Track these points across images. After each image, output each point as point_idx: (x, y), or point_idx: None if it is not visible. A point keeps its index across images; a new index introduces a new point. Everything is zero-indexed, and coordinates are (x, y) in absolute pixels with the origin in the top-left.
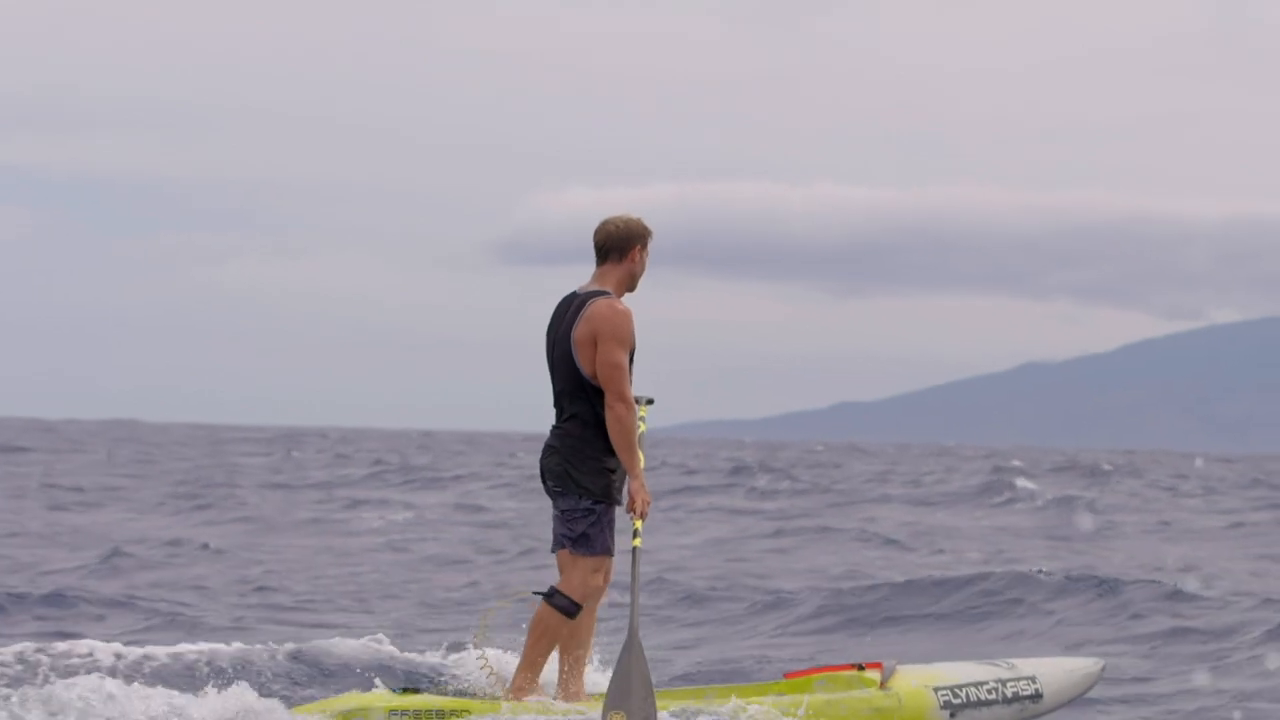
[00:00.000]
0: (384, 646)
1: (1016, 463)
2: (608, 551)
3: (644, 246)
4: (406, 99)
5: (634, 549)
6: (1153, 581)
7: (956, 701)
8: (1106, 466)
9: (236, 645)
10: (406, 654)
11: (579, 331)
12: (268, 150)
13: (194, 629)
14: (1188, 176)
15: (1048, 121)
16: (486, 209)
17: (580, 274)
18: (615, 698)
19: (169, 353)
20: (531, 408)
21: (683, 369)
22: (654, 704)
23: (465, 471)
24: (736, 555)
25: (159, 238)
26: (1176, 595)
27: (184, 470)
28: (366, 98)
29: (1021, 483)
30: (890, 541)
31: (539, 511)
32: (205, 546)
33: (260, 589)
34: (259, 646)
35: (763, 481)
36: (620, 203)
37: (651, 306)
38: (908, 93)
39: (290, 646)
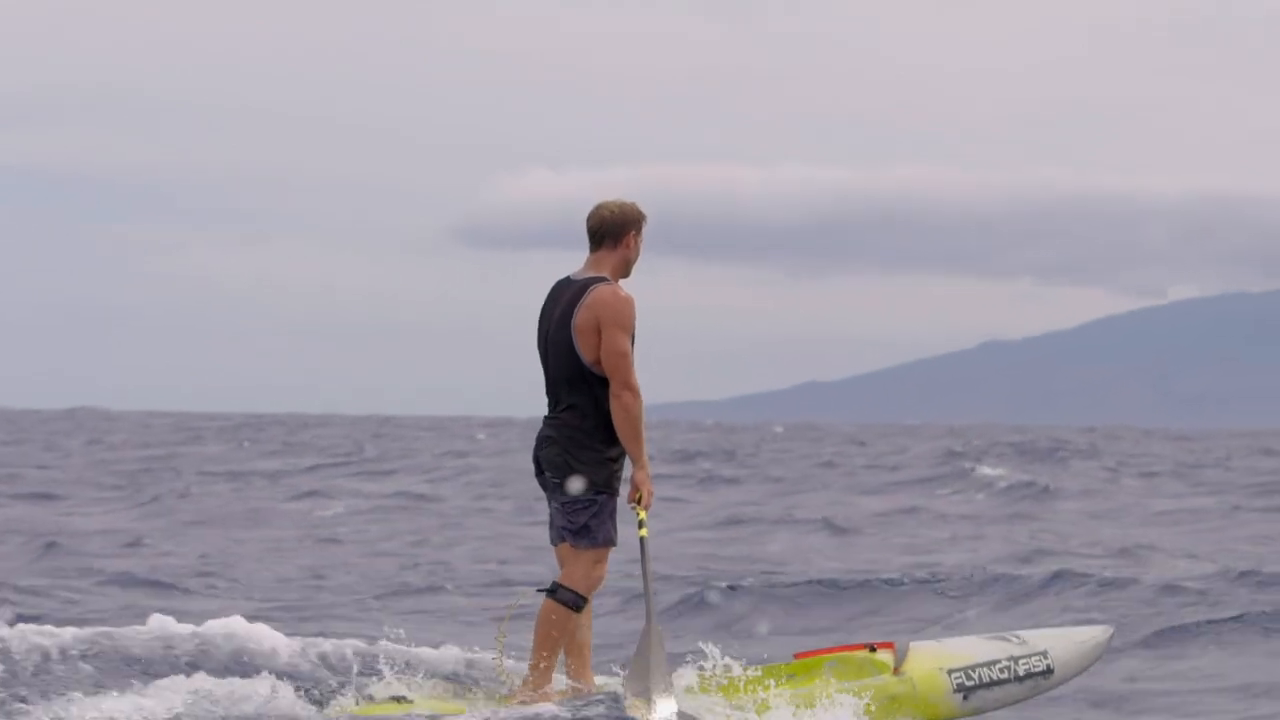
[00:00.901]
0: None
1: (976, 442)
2: (610, 542)
3: (639, 232)
4: (361, 88)
5: (641, 539)
6: (1084, 575)
7: (970, 683)
8: (1063, 450)
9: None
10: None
11: (580, 318)
12: (228, 140)
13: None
14: (1147, 155)
15: (1008, 102)
16: (447, 195)
17: (541, 258)
18: (635, 684)
19: (132, 342)
20: (498, 391)
21: (643, 352)
22: (671, 688)
23: (409, 462)
24: (671, 546)
25: (117, 228)
26: (1109, 584)
27: (134, 459)
28: (322, 88)
29: (982, 469)
30: (837, 530)
31: (479, 499)
32: (136, 541)
33: (201, 575)
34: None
35: (706, 466)
36: (581, 186)
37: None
38: (868, 76)
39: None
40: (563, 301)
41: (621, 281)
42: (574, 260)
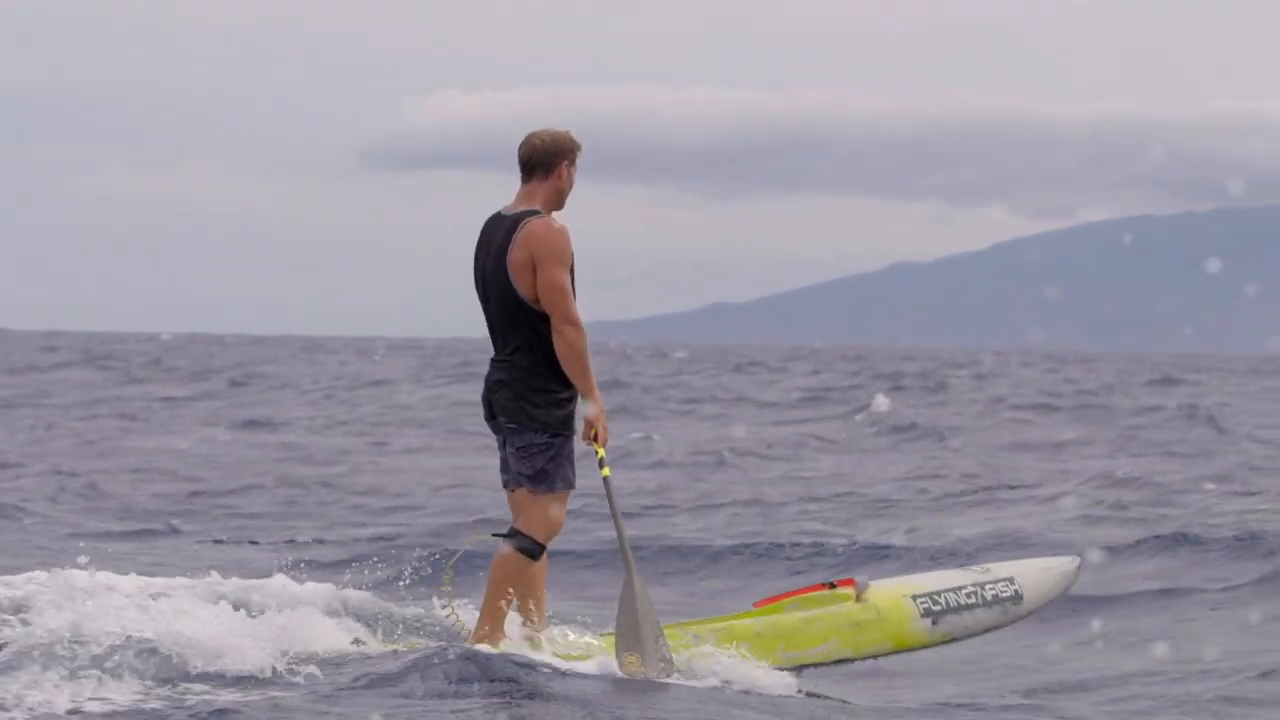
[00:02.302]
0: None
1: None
2: (569, 485)
3: (572, 161)
4: (271, 9)
5: (605, 479)
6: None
7: (937, 608)
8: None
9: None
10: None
11: (515, 256)
12: (140, 62)
13: None
14: (1056, 78)
15: (919, 23)
16: (355, 116)
17: (451, 179)
18: (626, 639)
19: (40, 262)
20: (400, 310)
21: None
22: (665, 641)
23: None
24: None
25: (31, 150)
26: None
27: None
28: (233, 8)
29: (878, 403)
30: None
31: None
32: None
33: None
34: None
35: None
36: (491, 107)
37: None
38: None
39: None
40: (496, 240)
41: (555, 213)
42: (483, 181)
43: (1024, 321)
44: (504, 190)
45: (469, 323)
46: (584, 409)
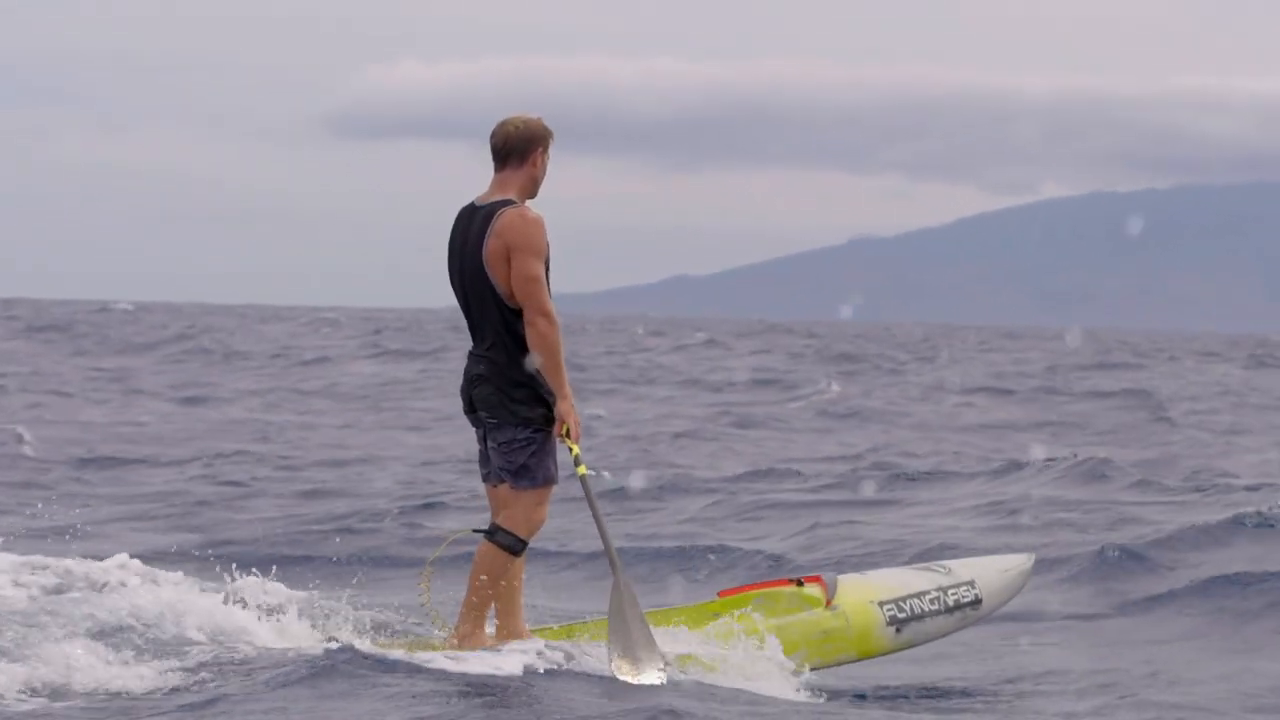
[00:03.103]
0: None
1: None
2: (550, 480)
3: (546, 149)
4: None
5: (581, 478)
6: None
7: (902, 616)
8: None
9: None
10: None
11: (490, 248)
12: (98, 25)
13: None
14: (1019, 53)
15: None
16: (318, 83)
17: (410, 148)
18: (617, 642)
19: (7, 230)
20: (359, 278)
21: None
22: (654, 643)
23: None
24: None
25: None
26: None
27: None
28: None
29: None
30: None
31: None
32: None
33: None
34: None
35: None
36: (453, 76)
37: (477, 179)
38: None
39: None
40: (471, 232)
41: (529, 202)
42: (446, 151)
43: (986, 297)
44: (467, 161)
45: (428, 293)
46: (556, 405)
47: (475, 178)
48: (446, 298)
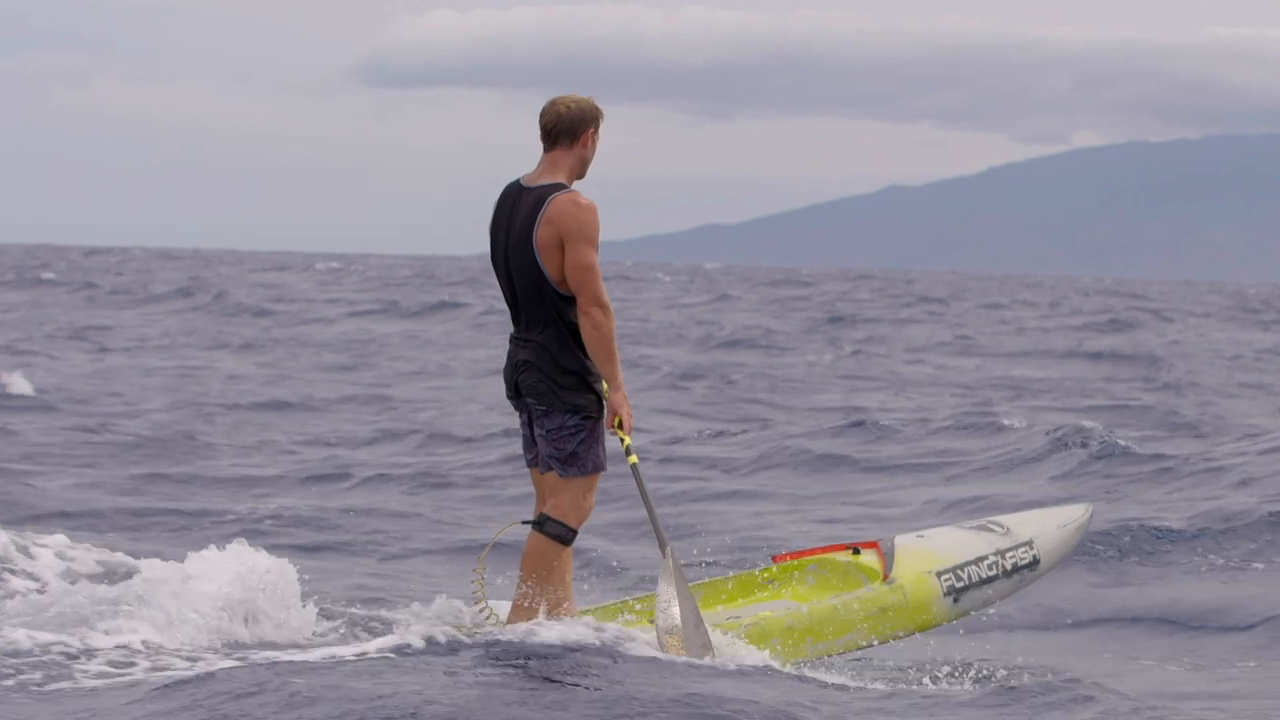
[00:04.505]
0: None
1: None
2: (599, 468)
3: (596, 129)
4: None
5: (633, 466)
6: None
7: (960, 585)
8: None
9: None
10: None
11: (542, 235)
12: None
13: None
14: (1054, 2)
15: None
16: (348, 33)
17: (443, 96)
18: (667, 622)
19: (27, 175)
20: (388, 228)
21: None
22: (705, 627)
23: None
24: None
25: (19, 61)
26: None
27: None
28: None
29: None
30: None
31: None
32: None
33: None
34: None
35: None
36: (486, 25)
37: (508, 129)
38: None
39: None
40: (519, 215)
41: (577, 184)
42: (475, 99)
43: (1016, 246)
44: (499, 110)
45: (457, 242)
46: (608, 395)
47: (504, 128)
48: (474, 246)
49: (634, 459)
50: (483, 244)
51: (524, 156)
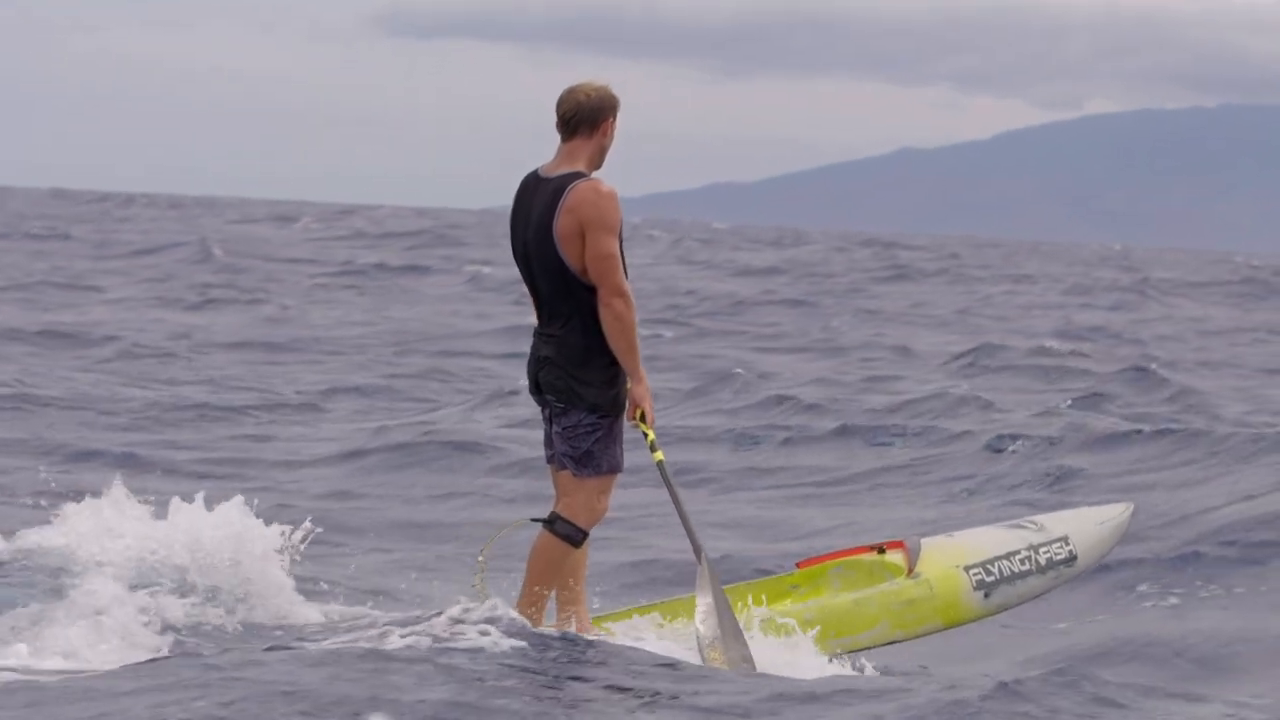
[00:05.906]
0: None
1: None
2: (616, 468)
3: (615, 117)
4: None
5: (659, 464)
6: None
7: (990, 579)
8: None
9: None
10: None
11: (562, 224)
12: None
13: None
14: None
15: None
16: None
17: (460, 48)
18: (707, 630)
19: (43, 120)
20: (402, 178)
21: (549, 149)
22: (745, 638)
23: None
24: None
25: (33, 6)
26: None
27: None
28: None
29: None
30: None
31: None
32: None
33: None
34: None
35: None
36: None
37: (526, 84)
38: None
39: None
40: (539, 205)
41: (595, 173)
42: (492, 51)
43: (1027, 211)
44: (515, 63)
45: (474, 193)
46: (630, 387)
47: (521, 82)
48: (487, 199)
49: (659, 455)
50: (492, 198)
51: (531, 108)
